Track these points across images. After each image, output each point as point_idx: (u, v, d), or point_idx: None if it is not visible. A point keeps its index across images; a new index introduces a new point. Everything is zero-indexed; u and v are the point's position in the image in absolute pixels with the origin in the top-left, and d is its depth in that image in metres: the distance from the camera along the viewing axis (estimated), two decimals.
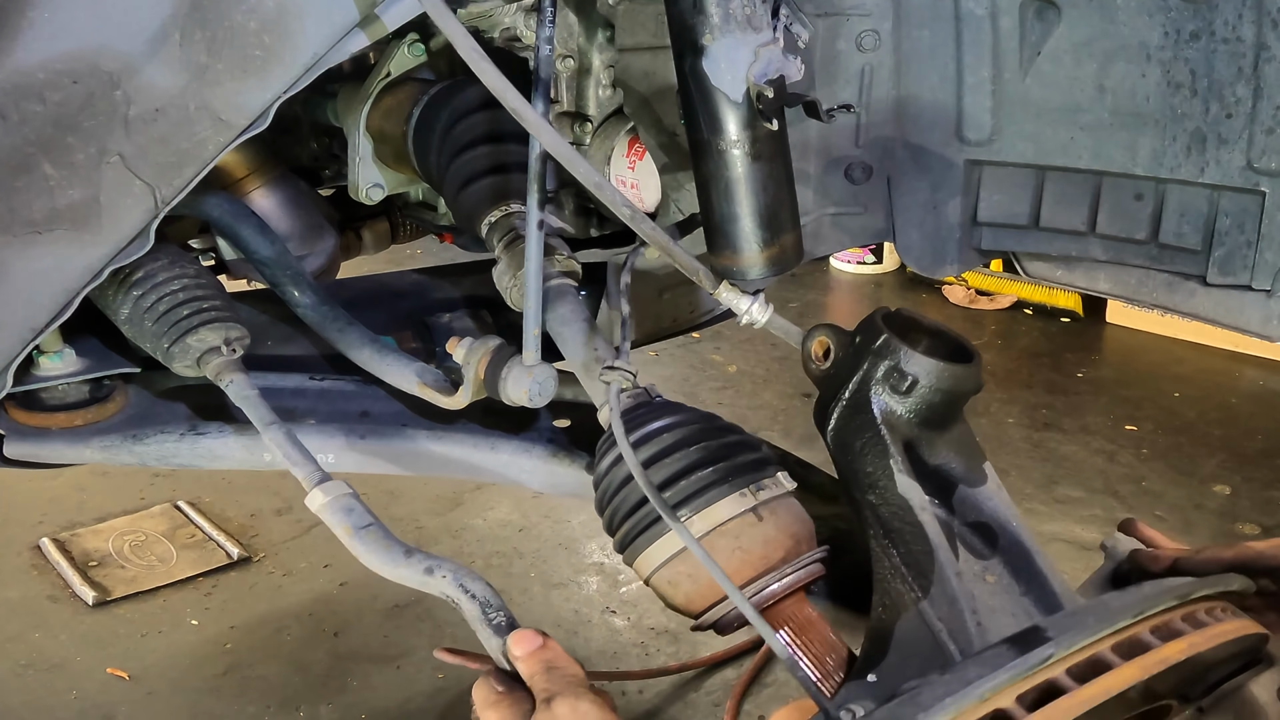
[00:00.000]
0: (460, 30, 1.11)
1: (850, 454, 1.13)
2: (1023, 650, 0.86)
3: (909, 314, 1.21)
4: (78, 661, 3.10)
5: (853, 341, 1.17)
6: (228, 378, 1.40)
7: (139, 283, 1.45)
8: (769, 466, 1.19)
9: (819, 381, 1.21)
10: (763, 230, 1.25)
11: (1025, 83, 1.49)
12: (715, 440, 1.19)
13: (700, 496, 1.13)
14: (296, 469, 1.24)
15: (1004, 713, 0.84)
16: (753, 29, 1.18)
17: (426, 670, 3.05)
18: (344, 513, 1.18)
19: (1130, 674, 0.87)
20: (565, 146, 1.17)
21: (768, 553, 1.12)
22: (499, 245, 1.49)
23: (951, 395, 1.13)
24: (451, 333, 1.70)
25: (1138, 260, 1.49)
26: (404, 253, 2.93)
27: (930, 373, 1.11)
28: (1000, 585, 1.08)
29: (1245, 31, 1.28)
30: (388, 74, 1.69)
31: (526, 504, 3.79)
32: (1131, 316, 5.03)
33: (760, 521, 1.13)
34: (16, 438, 1.51)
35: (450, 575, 1.10)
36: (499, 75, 1.12)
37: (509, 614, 1.07)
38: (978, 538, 1.11)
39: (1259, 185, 1.34)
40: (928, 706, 0.83)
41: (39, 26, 1.08)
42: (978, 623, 1.01)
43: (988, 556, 1.10)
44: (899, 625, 1.04)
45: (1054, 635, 0.87)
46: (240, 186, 1.90)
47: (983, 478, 1.15)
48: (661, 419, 1.21)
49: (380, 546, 1.15)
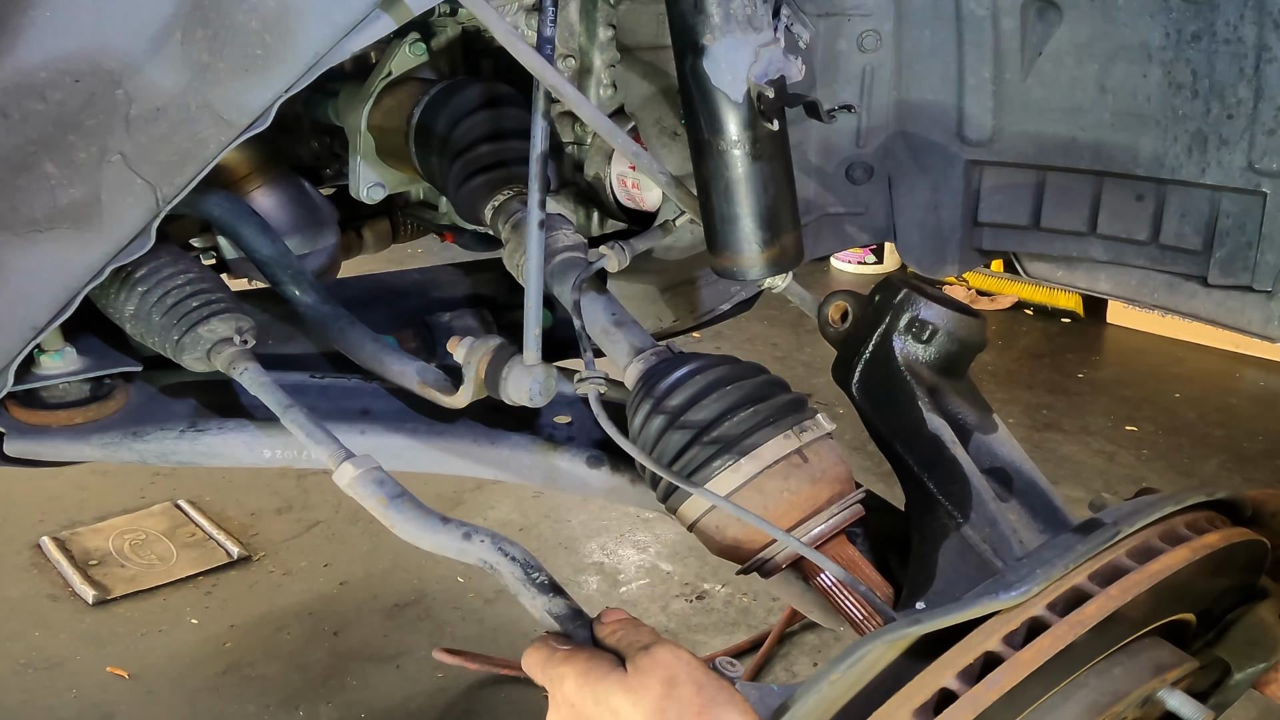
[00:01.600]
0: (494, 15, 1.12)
1: (877, 402, 1.23)
2: (1089, 533, 0.93)
3: (915, 282, 1.29)
4: (77, 660, 3.10)
5: (871, 301, 1.27)
6: (241, 366, 1.40)
7: (144, 278, 1.45)
8: (807, 407, 1.19)
9: (837, 343, 1.31)
10: (763, 230, 1.25)
11: (1026, 83, 1.49)
12: (749, 380, 1.19)
13: (747, 438, 1.13)
14: (321, 448, 1.22)
15: (1080, 588, 0.91)
16: (753, 29, 1.18)
17: (426, 670, 3.05)
18: (376, 484, 1.15)
19: (1182, 555, 0.95)
20: (603, 119, 1.21)
21: (815, 493, 1.13)
22: (505, 227, 1.48)
23: (965, 345, 1.23)
24: (452, 332, 1.71)
25: (1138, 261, 1.49)
26: (404, 252, 2.93)
27: (949, 321, 1.23)
28: (1021, 523, 1.14)
29: (1246, 32, 1.28)
30: (389, 73, 1.69)
31: (526, 504, 3.79)
32: (1131, 317, 5.04)
33: (806, 463, 1.13)
34: (17, 436, 1.51)
35: (488, 540, 1.08)
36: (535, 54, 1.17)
37: (549, 575, 1.05)
38: (995, 481, 1.18)
39: (1260, 186, 1.34)
40: (1015, 581, 0.88)
41: (40, 25, 1.08)
42: (1019, 541, 1.06)
43: (1005, 499, 1.16)
44: (942, 553, 1.10)
45: (1112, 520, 0.95)
46: (241, 185, 1.90)
47: (994, 425, 1.24)
48: (691, 363, 1.21)
49: (416, 515, 1.12)
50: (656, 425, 1.18)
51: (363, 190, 1.77)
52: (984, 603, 0.88)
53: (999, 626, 0.88)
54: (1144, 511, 0.96)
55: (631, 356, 1.29)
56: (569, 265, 1.42)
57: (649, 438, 1.18)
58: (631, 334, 1.32)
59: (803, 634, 3.14)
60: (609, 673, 0.92)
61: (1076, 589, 0.90)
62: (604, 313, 1.36)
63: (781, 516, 1.11)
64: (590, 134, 1.69)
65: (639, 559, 3.51)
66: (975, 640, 0.88)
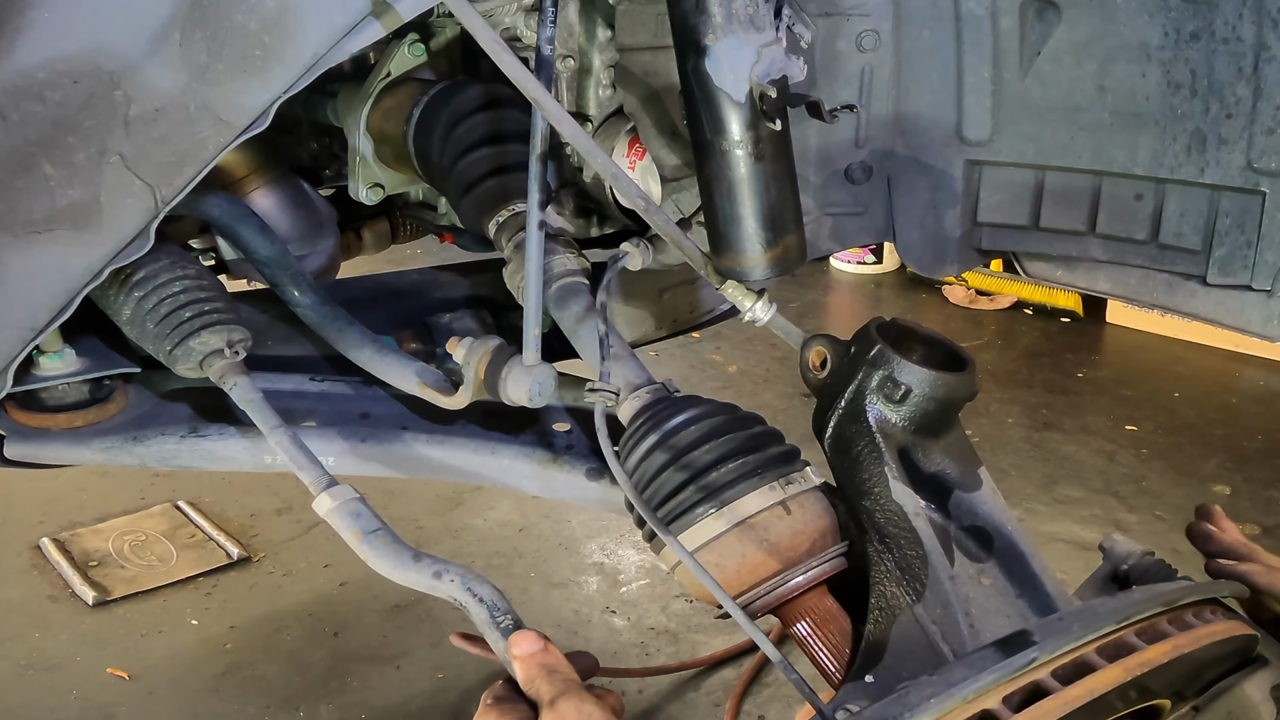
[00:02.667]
0: (481, 23, 1.11)
1: (847, 461, 1.16)
2: (1009, 653, 0.89)
3: (904, 323, 1.23)
4: (78, 661, 3.10)
5: (848, 351, 1.20)
6: (231, 381, 1.40)
7: (140, 283, 1.45)
8: (797, 460, 1.19)
9: (816, 390, 1.24)
10: (766, 231, 1.25)
11: (1025, 83, 1.49)
12: (743, 432, 1.19)
13: (730, 489, 1.13)
14: (303, 473, 1.24)
15: (990, 713, 0.87)
16: (755, 29, 1.18)
17: (426, 670, 3.05)
18: (352, 517, 1.18)
19: (1114, 675, 0.90)
20: (584, 137, 1.19)
21: (794, 544, 1.13)
22: (508, 245, 1.49)
23: (945, 403, 1.16)
24: (451, 333, 1.70)
25: (1138, 260, 1.49)
26: (404, 253, 2.93)
27: (923, 382, 1.14)
28: (996, 588, 1.10)
29: (1245, 31, 1.28)
30: (388, 74, 1.69)
31: (527, 504, 3.79)
32: (1131, 316, 5.03)
33: (788, 515, 1.13)
34: (17, 438, 1.50)
35: (458, 579, 1.11)
36: (519, 65, 1.14)
37: (516, 617, 1.08)
38: (973, 541, 1.13)
39: (1259, 185, 1.34)
40: (914, 706, 0.86)
41: (39, 26, 1.08)
42: (971, 625, 1.03)
43: (983, 560, 1.12)
44: (895, 628, 1.06)
45: (1040, 639, 0.90)
46: (240, 186, 1.90)
47: (978, 482, 1.18)
48: (685, 412, 1.21)
49: (389, 551, 1.16)
50: (646, 468, 1.18)
51: (362, 191, 1.77)
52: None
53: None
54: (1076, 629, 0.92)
55: (629, 391, 1.29)
56: (569, 291, 1.42)
57: (643, 476, 1.19)
58: (630, 368, 1.32)
59: None
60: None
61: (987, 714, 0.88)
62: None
63: (759, 566, 1.11)
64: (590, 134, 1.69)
65: (639, 559, 3.51)
66: None
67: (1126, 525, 3.63)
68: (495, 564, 3.52)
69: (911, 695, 0.87)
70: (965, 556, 1.11)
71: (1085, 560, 3.43)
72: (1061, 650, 0.90)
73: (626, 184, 1.23)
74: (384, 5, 1.16)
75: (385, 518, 1.22)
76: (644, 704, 2.94)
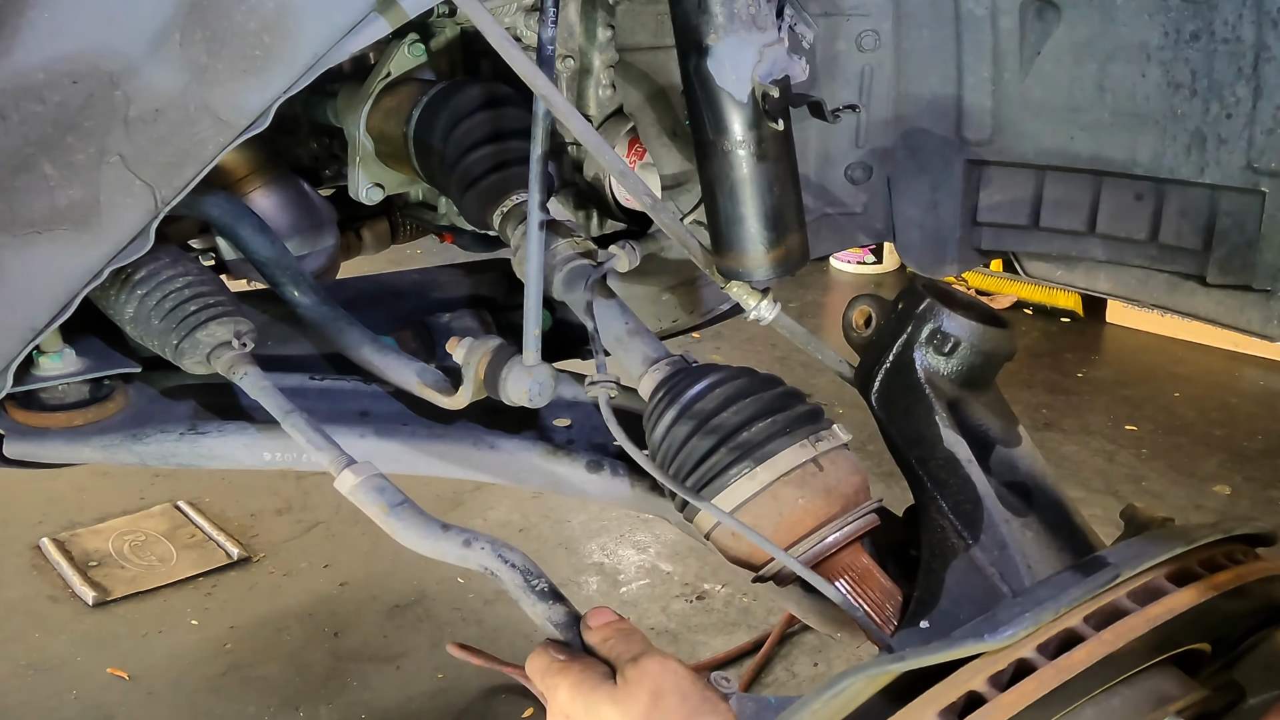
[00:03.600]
0: (490, 20, 1.12)
1: (895, 413, 1.20)
2: (1088, 574, 0.92)
3: (943, 285, 1.27)
4: (78, 661, 3.10)
5: (895, 308, 1.24)
6: (241, 370, 1.40)
7: (143, 281, 1.45)
8: (823, 418, 1.20)
9: (861, 349, 1.28)
10: (769, 231, 1.25)
11: (1025, 83, 1.49)
12: (767, 392, 1.20)
13: (763, 447, 1.14)
14: (322, 454, 1.23)
15: (1073, 631, 0.90)
16: (757, 28, 1.18)
17: (426, 670, 3.05)
18: (377, 492, 1.17)
19: (1187, 598, 0.93)
20: (591, 133, 1.19)
21: (829, 502, 1.13)
22: (514, 234, 1.49)
23: (989, 357, 1.20)
24: (451, 333, 1.70)
25: (1138, 260, 1.49)
26: (404, 253, 2.93)
27: (972, 334, 1.18)
28: (1039, 540, 1.12)
29: (1245, 31, 1.28)
30: (388, 74, 1.69)
31: (526, 504, 3.79)
32: (1131, 316, 5.03)
33: (821, 471, 1.14)
34: (16, 437, 1.50)
35: (489, 547, 1.10)
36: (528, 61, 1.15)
37: (550, 582, 1.07)
38: (1015, 495, 1.15)
39: (1259, 185, 1.33)
40: (1005, 622, 0.88)
41: (39, 27, 1.08)
42: (1028, 565, 1.05)
43: (1024, 514, 1.14)
44: (950, 572, 1.08)
45: (1115, 561, 0.93)
46: (240, 186, 1.90)
47: (1018, 439, 1.21)
48: (707, 378, 1.21)
49: (418, 522, 1.14)
50: (677, 434, 1.19)
51: (362, 191, 1.77)
52: (970, 644, 0.88)
53: (986, 666, 0.88)
54: (1151, 552, 0.95)
55: (646, 366, 1.30)
56: (577, 274, 1.42)
57: (671, 446, 1.19)
58: (646, 343, 1.33)
59: (803, 634, 3.14)
60: (599, 684, 0.95)
61: (1070, 631, 0.90)
62: (618, 320, 1.37)
63: (796, 524, 1.12)
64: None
65: (639, 559, 3.51)
66: (961, 679, 0.88)
67: None
68: None
69: (1001, 614, 0.89)
70: (1008, 510, 1.13)
71: None
72: (1139, 569, 0.93)
73: (633, 181, 1.23)
74: (387, 3, 1.16)
75: None
76: None
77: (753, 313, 1.30)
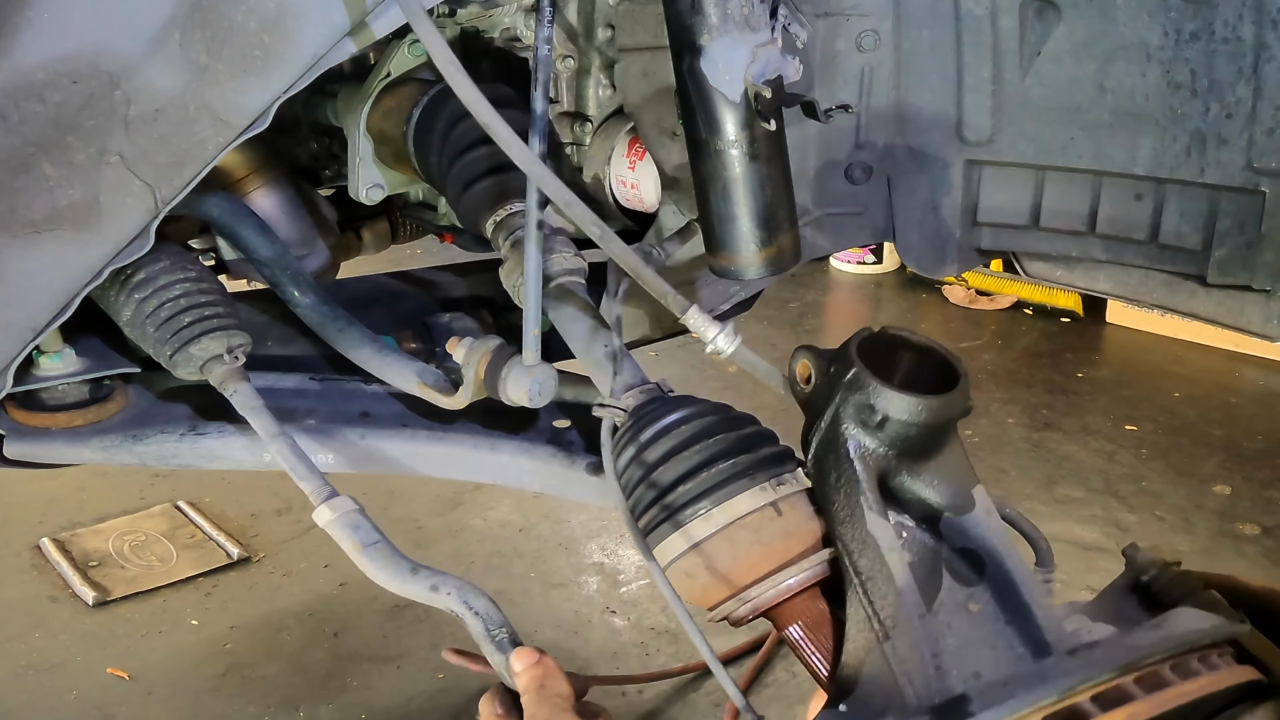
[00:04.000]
0: (438, 39, 1.11)
1: (827, 485, 1.12)
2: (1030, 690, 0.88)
3: (895, 332, 1.16)
4: (78, 661, 3.10)
5: (829, 369, 1.14)
6: (232, 387, 1.40)
7: (140, 285, 1.45)
8: (789, 461, 1.18)
9: (803, 405, 1.19)
10: (760, 230, 1.25)
11: (1025, 83, 1.49)
12: (734, 432, 1.18)
13: (721, 489, 1.13)
14: (303, 483, 1.26)
15: None
16: (750, 29, 1.18)
17: (426, 670, 3.05)
18: (351, 529, 1.20)
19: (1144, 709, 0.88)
20: (536, 162, 1.17)
21: (786, 547, 1.12)
22: (505, 244, 1.49)
23: (929, 428, 1.09)
24: (451, 333, 1.70)
25: (1138, 260, 1.49)
26: (404, 253, 2.93)
27: (902, 409, 1.06)
28: (984, 614, 1.06)
29: (1245, 31, 1.28)
30: (388, 74, 1.69)
31: (527, 504, 3.79)
32: (1131, 316, 5.03)
33: (779, 516, 1.13)
34: (16, 438, 1.50)
35: (455, 592, 1.13)
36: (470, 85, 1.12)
37: (512, 630, 1.09)
38: (965, 564, 1.09)
39: (1259, 185, 1.33)
40: None
41: (38, 27, 1.08)
42: (937, 666, 1.00)
43: (973, 583, 1.08)
44: (866, 661, 1.04)
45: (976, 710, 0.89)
46: (240, 186, 1.90)
47: (971, 503, 1.11)
48: (677, 411, 1.20)
49: (388, 563, 1.18)
50: (637, 468, 1.18)
51: (362, 191, 1.77)
52: None
53: None
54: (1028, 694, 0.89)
55: (620, 391, 1.28)
56: (566, 291, 1.42)
57: (632, 479, 1.18)
58: (622, 367, 1.32)
59: None
60: None
61: None
62: (597, 341, 1.36)
63: (751, 567, 1.11)
64: (589, 135, 1.69)
65: (639, 559, 3.51)
66: None
67: (1126, 525, 3.63)
68: (495, 564, 3.52)
69: None
70: (955, 579, 1.08)
71: (1086, 560, 3.43)
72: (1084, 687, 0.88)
73: (581, 212, 1.19)
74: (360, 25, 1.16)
75: (385, 518, 1.22)
76: (644, 705, 2.94)
77: (710, 345, 1.24)
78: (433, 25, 1.12)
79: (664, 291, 1.22)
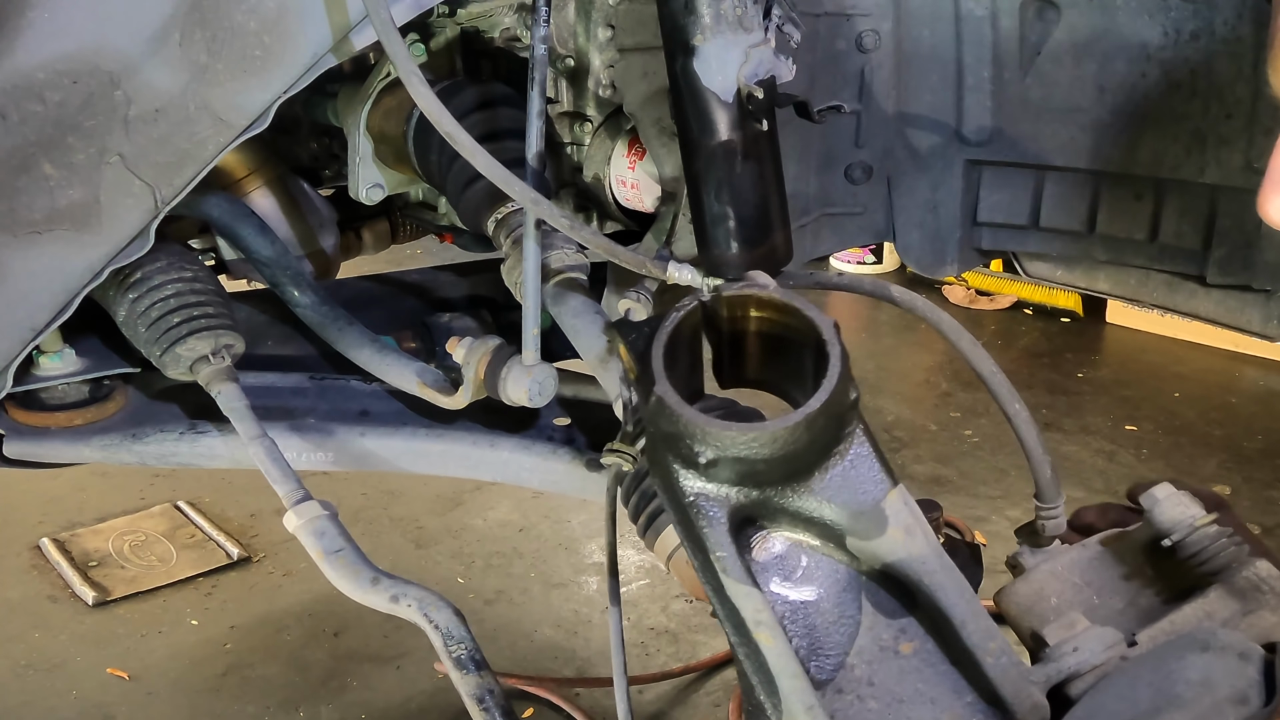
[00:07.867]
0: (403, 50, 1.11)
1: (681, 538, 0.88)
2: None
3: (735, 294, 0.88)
4: (78, 661, 3.10)
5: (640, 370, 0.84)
6: (217, 388, 1.40)
7: (134, 285, 1.45)
8: None
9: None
10: (752, 230, 1.25)
11: (1025, 83, 1.49)
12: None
13: None
14: (278, 486, 1.27)
15: None
16: (744, 29, 1.19)
17: (426, 670, 3.05)
18: (316, 536, 1.22)
19: None
20: (498, 167, 1.18)
21: None
22: (506, 242, 1.49)
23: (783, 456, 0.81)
24: (451, 333, 1.70)
25: (1138, 260, 1.50)
26: (404, 253, 2.93)
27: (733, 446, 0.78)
28: (918, 657, 0.85)
29: (1245, 31, 1.28)
30: (388, 74, 1.69)
31: (527, 504, 3.79)
32: (1131, 316, 5.03)
33: None
34: (16, 437, 1.50)
35: (416, 604, 1.15)
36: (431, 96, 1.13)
37: (471, 646, 1.10)
38: (886, 592, 0.87)
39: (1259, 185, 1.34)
40: None
41: (38, 26, 1.08)
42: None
43: (902, 615, 0.87)
44: None
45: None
46: (240, 186, 1.90)
47: (882, 522, 0.85)
48: None
49: (349, 572, 1.19)
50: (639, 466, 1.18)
51: (362, 191, 1.77)
52: None
53: None
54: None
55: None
56: (567, 287, 1.42)
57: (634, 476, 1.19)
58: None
59: None
60: None
61: None
62: (601, 341, 1.37)
63: None
64: (589, 135, 1.69)
65: (639, 559, 3.51)
66: None
67: None
68: (495, 564, 3.52)
69: None
70: (879, 613, 0.86)
71: None
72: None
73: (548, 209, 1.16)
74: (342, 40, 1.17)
75: (385, 518, 1.23)
76: (644, 705, 2.94)
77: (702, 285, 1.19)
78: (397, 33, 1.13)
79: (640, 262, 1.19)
